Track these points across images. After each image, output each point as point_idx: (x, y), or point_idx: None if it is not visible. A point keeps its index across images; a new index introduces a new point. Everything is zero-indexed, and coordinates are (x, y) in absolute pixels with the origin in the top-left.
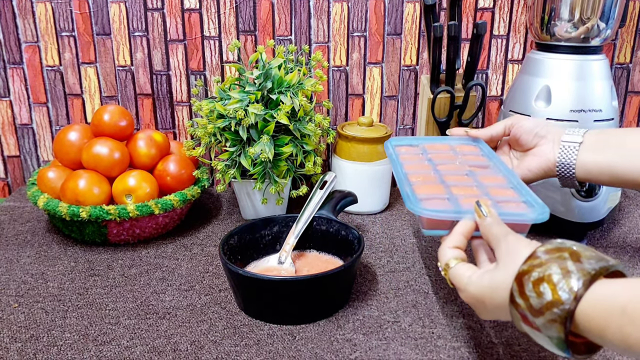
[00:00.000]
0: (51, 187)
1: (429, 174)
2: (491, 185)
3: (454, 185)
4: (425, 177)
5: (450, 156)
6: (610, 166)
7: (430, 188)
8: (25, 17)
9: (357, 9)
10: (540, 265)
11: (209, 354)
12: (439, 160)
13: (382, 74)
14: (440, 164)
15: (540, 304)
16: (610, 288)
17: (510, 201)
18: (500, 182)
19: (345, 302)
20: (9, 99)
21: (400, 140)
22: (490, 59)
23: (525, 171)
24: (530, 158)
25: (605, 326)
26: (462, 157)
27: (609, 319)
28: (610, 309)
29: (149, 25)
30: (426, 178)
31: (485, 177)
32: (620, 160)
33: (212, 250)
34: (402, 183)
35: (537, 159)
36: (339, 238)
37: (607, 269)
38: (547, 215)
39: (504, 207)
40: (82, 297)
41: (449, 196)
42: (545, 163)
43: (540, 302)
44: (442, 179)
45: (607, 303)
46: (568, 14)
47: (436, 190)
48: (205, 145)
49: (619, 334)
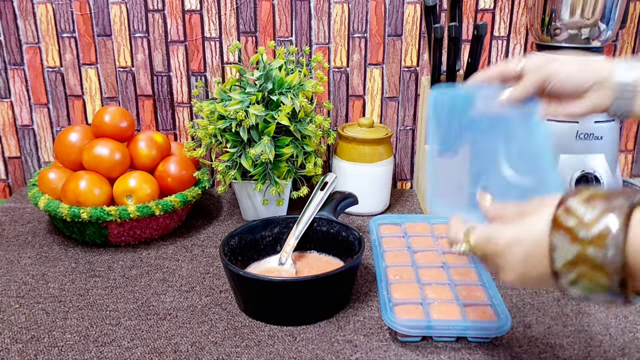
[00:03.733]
0: (52, 188)
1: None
2: (462, 283)
3: (428, 284)
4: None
5: (429, 242)
6: None
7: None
8: (26, 18)
9: (358, 10)
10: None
11: (209, 355)
12: (417, 247)
13: (382, 75)
14: (419, 251)
15: (593, 215)
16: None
17: (478, 304)
18: (471, 280)
19: (346, 303)
20: (9, 100)
21: (383, 219)
22: (490, 60)
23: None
24: (579, 103)
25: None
26: (440, 240)
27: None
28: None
29: (149, 27)
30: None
31: (458, 271)
32: None
33: (213, 251)
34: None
35: (586, 104)
36: (340, 239)
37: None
38: (509, 327)
39: (470, 314)
40: (83, 298)
41: (422, 301)
42: (596, 109)
43: (593, 213)
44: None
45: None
46: (569, 15)
47: (411, 294)
48: (205, 146)
49: None
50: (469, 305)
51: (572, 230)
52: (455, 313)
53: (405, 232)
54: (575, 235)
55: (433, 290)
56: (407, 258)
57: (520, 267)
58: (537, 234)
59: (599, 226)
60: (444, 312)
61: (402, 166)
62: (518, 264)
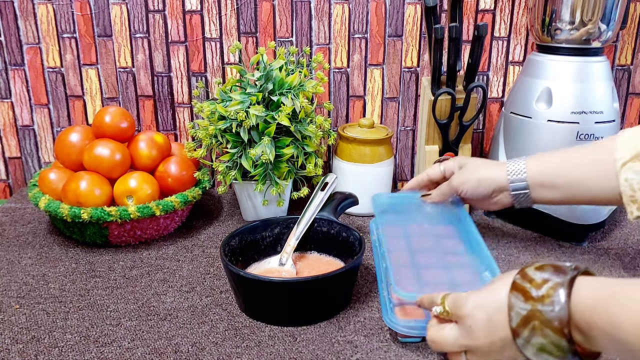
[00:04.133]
0: (52, 189)
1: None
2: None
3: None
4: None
5: (431, 243)
6: (562, 201)
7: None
8: (26, 19)
9: (358, 10)
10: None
11: (210, 356)
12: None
13: (383, 75)
14: (420, 252)
15: (542, 277)
16: (595, 278)
17: None
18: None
19: (346, 303)
20: (10, 101)
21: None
22: (491, 61)
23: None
24: (489, 205)
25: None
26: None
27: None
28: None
29: (150, 27)
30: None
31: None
32: (569, 197)
33: (213, 252)
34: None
35: (497, 205)
36: (340, 239)
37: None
38: None
39: None
40: (83, 298)
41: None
42: (505, 206)
43: (543, 276)
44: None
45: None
46: (569, 15)
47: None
48: (206, 146)
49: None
50: None
51: (526, 291)
52: None
53: (407, 232)
54: (528, 294)
55: (434, 291)
56: (408, 259)
57: (484, 329)
58: (499, 298)
59: (547, 285)
60: None
61: (403, 167)
62: (482, 327)
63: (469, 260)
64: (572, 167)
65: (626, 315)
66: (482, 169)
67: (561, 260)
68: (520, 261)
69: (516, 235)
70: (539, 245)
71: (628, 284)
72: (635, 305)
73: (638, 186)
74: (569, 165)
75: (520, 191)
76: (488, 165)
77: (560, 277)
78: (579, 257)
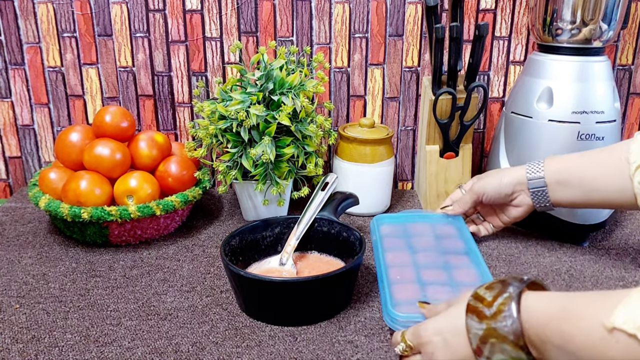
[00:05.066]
0: (52, 188)
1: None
2: (464, 284)
3: (429, 284)
4: (404, 274)
5: (431, 242)
6: (580, 201)
7: (407, 290)
8: (26, 18)
9: (359, 10)
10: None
11: (210, 355)
12: (419, 247)
13: (383, 75)
14: (421, 251)
15: (492, 295)
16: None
17: None
18: (472, 280)
19: (347, 303)
20: (10, 100)
21: (385, 219)
22: (492, 61)
23: (512, 218)
24: (512, 210)
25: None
26: (441, 241)
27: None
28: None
29: (150, 26)
30: (404, 275)
31: (459, 272)
32: (586, 196)
33: (214, 252)
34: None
35: (518, 209)
36: (341, 239)
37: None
38: None
39: None
40: (84, 298)
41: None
42: (526, 209)
43: (492, 294)
44: (420, 277)
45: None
46: (570, 15)
47: (412, 294)
48: (206, 146)
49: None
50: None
51: (479, 311)
52: None
53: (407, 232)
54: (482, 314)
55: (434, 291)
56: (408, 258)
57: (444, 353)
58: (454, 322)
59: (497, 302)
60: None
61: (403, 166)
62: (442, 351)
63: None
64: (587, 166)
65: (578, 332)
66: (502, 171)
67: (561, 260)
68: (520, 261)
69: (517, 235)
70: (539, 245)
71: (578, 299)
72: (586, 322)
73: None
74: (585, 165)
75: (538, 188)
76: (507, 169)
77: (507, 292)
78: (580, 257)
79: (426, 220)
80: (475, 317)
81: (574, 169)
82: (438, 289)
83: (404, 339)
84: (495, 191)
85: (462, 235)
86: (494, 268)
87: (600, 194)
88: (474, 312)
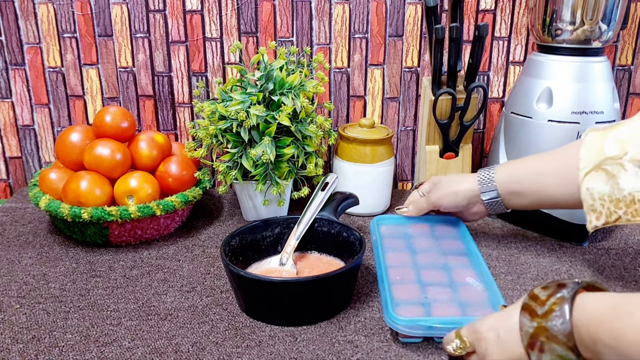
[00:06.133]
0: (53, 188)
1: (408, 270)
2: (464, 284)
3: (430, 285)
4: (404, 274)
5: (431, 243)
6: (535, 206)
7: (407, 290)
8: (27, 19)
9: (359, 10)
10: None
11: (210, 356)
12: (419, 248)
13: (383, 75)
14: (421, 252)
15: (546, 294)
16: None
17: (480, 306)
18: (472, 280)
19: (347, 303)
20: (10, 100)
21: (385, 219)
22: (491, 61)
23: (471, 221)
24: (469, 215)
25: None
26: (441, 241)
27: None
28: (604, 304)
29: (150, 27)
30: (404, 275)
31: (459, 272)
32: (539, 203)
33: (214, 252)
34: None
35: (475, 215)
36: (341, 239)
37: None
38: None
39: (471, 315)
40: (84, 298)
41: (424, 301)
42: (483, 215)
43: (547, 293)
44: (420, 277)
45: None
46: (570, 15)
47: (413, 294)
48: (206, 146)
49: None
50: (470, 306)
51: (532, 309)
52: (457, 314)
53: (407, 233)
54: (534, 312)
55: (434, 291)
56: (409, 258)
57: (496, 350)
58: (509, 319)
59: (550, 301)
60: (446, 313)
61: (403, 167)
62: (494, 347)
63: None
64: (537, 175)
65: (630, 330)
66: (456, 183)
67: (561, 260)
68: (520, 261)
69: (517, 235)
70: (539, 245)
71: (631, 298)
72: (637, 319)
73: (598, 196)
74: (535, 173)
75: (492, 199)
76: (461, 178)
77: (561, 292)
78: (580, 257)
79: (426, 221)
80: (527, 314)
81: (525, 180)
82: (438, 290)
83: (459, 336)
84: (451, 204)
85: (462, 236)
86: (493, 268)
87: (550, 200)
88: (527, 310)
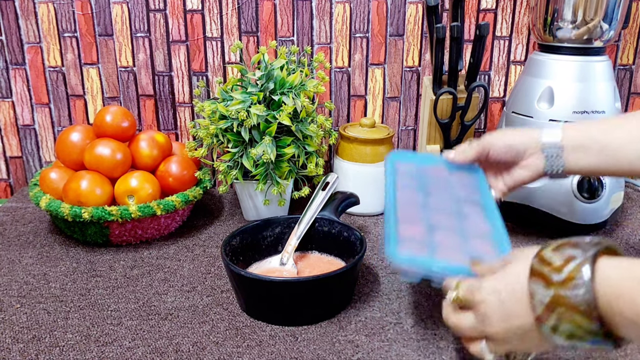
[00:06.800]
0: (53, 188)
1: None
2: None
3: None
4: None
5: (446, 187)
6: (597, 168)
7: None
8: (27, 18)
9: (360, 10)
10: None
11: (210, 355)
12: (433, 190)
13: (384, 75)
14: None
15: (562, 258)
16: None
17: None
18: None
19: (348, 303)
20: (11, 100)
21: (401, 156)
22: (492, 60)
23: (518, 182)
24: (519, 171)
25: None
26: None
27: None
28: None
29: (151, 26)
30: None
31: (471, 222)
32: (605, 162)
33: (214, 252)
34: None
35: (526, 172)
36: (341, 239)
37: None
38: None
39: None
40: (84, 297)
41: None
42: (535, 173)
43: (562, 257)
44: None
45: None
46: (571, 15)
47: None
48: (207, 146)
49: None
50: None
51: (546, 276)
52: (462, 260)
53: (423, 173)
54: (549, 279)
55: (442, 236)
56: (420, 199)
57: (498, 315)
58: (514, 283)
59: (568, 267)
60: (450, 258)
61: None
62: (496, 313)
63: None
64: (609, 131)
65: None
66: (515, 129)
67: None
68: None
69: (517, 235)
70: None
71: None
72: None
73: None
74: (606, 130)
75: (553, 151)
76: (520, 129)
77: (580, 257)
78: None
79: (445, 165)
80: (541, 281)
81: (594, 134)
82: (446, 235)
83: (457, 289)
84: (506, 146)
85: (480, 187)
86: None
87: (620, 161)
88: (539, 276)
